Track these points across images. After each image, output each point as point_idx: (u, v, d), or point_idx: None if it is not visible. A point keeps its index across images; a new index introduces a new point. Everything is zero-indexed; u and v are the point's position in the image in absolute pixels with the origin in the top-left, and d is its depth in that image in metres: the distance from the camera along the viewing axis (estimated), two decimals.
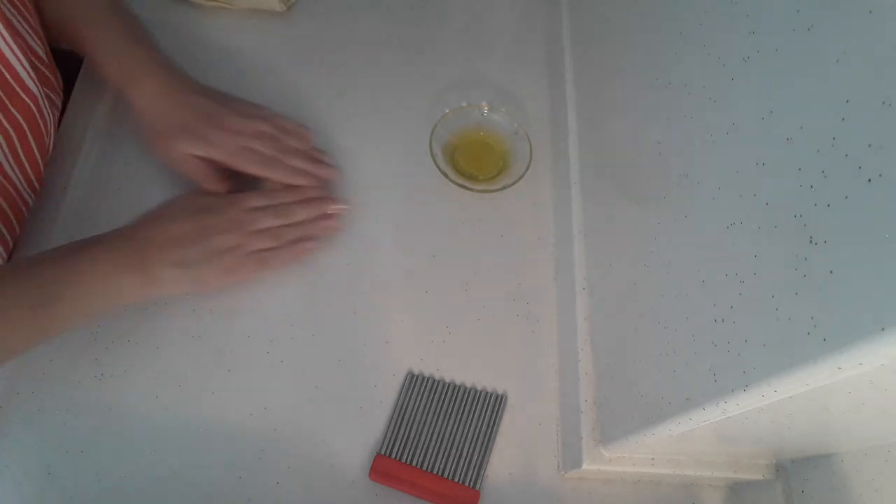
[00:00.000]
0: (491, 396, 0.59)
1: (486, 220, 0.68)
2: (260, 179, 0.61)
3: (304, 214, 0.60)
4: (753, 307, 0.36)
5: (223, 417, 0.56)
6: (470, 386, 0.60)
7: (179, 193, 0.58)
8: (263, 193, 0.59)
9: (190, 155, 0.58)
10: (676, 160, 0.47)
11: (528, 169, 0.67)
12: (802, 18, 0.34)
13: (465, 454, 0.56)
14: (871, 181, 0.29)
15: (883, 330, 0.27)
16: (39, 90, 0.54)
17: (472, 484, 0.55)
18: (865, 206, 0.29)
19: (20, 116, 0.53)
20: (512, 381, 0.60)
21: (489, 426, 0.58)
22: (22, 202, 0.57)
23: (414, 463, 0.55)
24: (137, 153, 0.65)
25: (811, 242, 0.32)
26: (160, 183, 0.64)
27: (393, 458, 0.55)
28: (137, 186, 0.64)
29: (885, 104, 0.28)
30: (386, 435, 0.56)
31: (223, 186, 0.60)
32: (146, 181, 0.64)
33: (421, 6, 0.80)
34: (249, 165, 0.59)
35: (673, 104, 0.49)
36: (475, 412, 0.58)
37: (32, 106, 0.54)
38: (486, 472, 0.56)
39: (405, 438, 0.56)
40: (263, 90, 0.67)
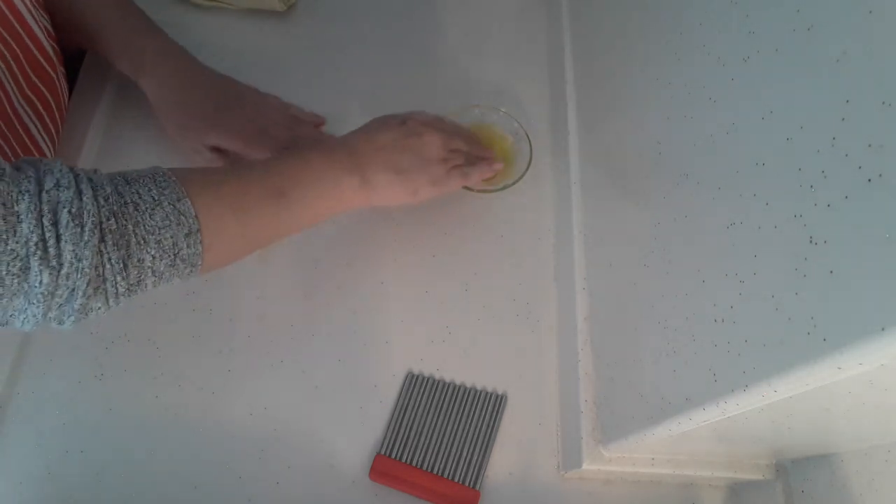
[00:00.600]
0: (491, 396, 0.59)
1: (486, 220, 0.68)
2: None
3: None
4: (753, 307, 0.36)
5: (223, 417, 0.56)
6: (470, 386, 0.60)
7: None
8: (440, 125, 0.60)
9: (207, 146, 0.60)
10: (676, 160, 0.47)
11: (528, 169, 0.67)
12: (802, 18, 0.34)
13: (465, 454, 0.56)
14: (871, 181, 0.29)
15: (883, 330, 0.27)
16: (58, 65, 0.55)
17: (472, 484, 0.55)
18: (865, 206, 0.29)
19: (43, 87, 0.54)
20: (512, 381, 0.60)
21: (489, 426, 0.58)
22: None
23: (414, 463, 0.55)
24: (139, 151, 0.65)
25: (811, 242, 0.32)
26: None
27: (393, 458, 0.55)
28: None
29: (885, 104, 0.28)
30: (386, 435, 0.56)
31: None
32: None
33: (421, 6, 0.80)
34: (266, 152, 0.60)
35: (673, 104, 0.49)
36: (475, 412, 0.58)
37: (55, 77, 0.55)
38: (486, 472, 0.56)
39: (405, 438, 0.56)
40: (263, 90, 0.67)
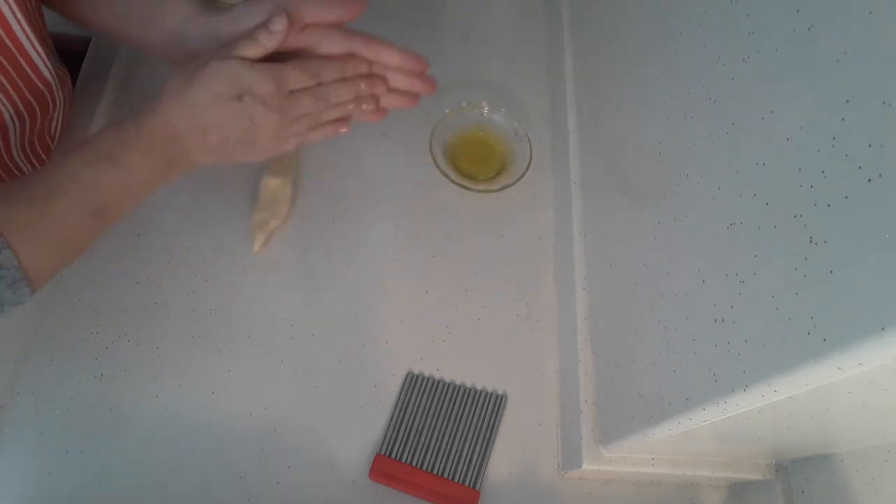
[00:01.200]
0: (491, 396, 0.59)
1: (486, 220, 0.68)
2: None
3: (344, 95, 0.56)
4: (753, 307, 0.36)
5: (223, 417, 0.56)
6: (470, 386, 0.60)
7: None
8: (305, 68, 0.54)
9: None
10: (676, 160, 0.47)
11: (528, 169, 0.67)
12: (802, 18, 0.34)
13: (465, 454, 0.56)
14: (871, 181, 0.29)
15: (883, 330, 0.27)
16: (52, 75, 0.54)
17: (472, 484, 0.55)
18: (865, 206, 0.29)
19: (34, 100, 0.53)
20: (512, 381, 0.60)
21: (489, 426, 0.58)
22: None
23: (414, 463, 0.55)
24: None
25: (811, 242, 0.32)
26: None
27: (393, 457, 0.55)
28: None
29: (885, 104, 0.28)
30: (386, 435, 0.56)
31: None
32: None
33: (421, 6, 0.80)
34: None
35: (673, 104, 0.49)
36: (475, 412, 0.58)
37: (45, 92, 0.54)
38: (486, 472, 0.56)
39: (405, 438, 0.56)
40: None
